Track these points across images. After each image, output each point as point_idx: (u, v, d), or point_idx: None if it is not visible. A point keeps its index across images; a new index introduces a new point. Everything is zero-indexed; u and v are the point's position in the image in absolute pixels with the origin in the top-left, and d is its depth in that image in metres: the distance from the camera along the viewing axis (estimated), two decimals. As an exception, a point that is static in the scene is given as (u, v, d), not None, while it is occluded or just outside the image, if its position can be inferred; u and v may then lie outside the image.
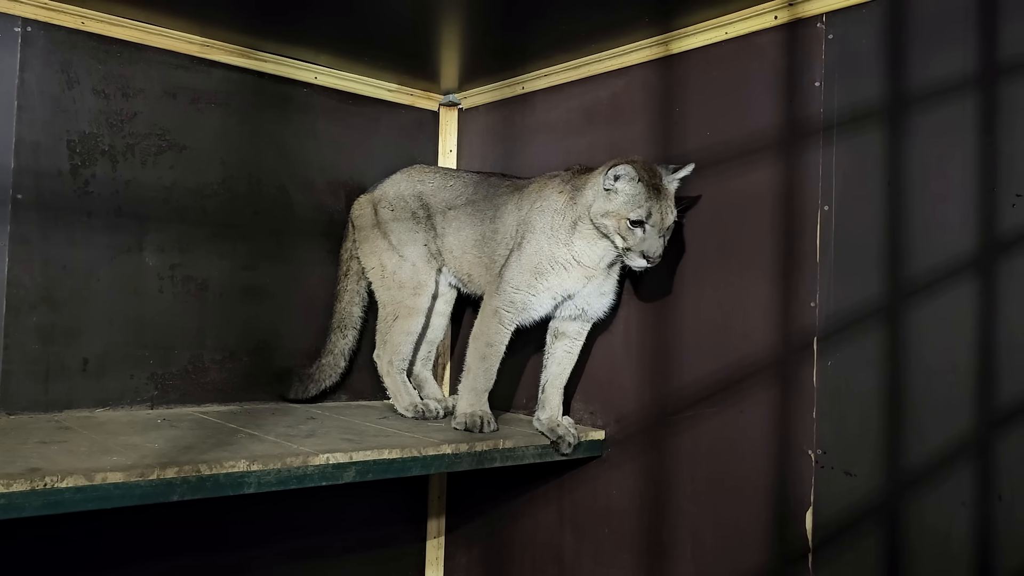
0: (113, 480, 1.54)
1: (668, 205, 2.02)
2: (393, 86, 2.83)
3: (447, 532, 2.93)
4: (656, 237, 1.99)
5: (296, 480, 1.77)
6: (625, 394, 2.31)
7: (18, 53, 2.14)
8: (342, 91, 2.73)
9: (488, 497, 2.75)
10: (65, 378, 2.20)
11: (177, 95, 2.40)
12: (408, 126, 2.89)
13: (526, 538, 2.59)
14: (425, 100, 2.93)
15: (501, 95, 2.78)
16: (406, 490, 2.87)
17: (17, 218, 2.13)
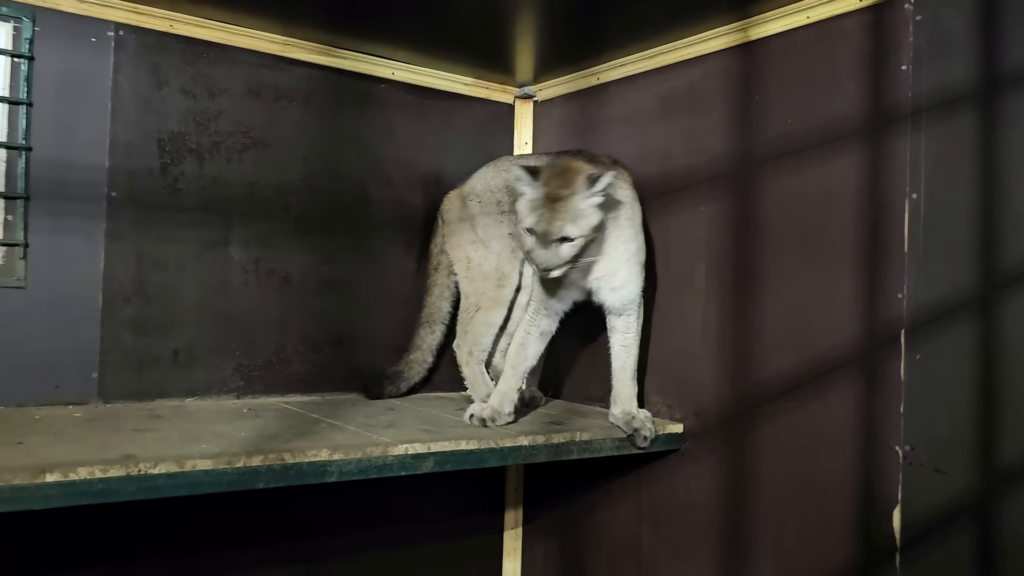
0: (202, 467, 1.60)
1: (561, 217, 1.92)
2: (469, 80, 2.85)
3: (525, 523, 2.94)
4: (542, 249, 1.94)
5: (376, 470, 1.80)
6: (704, 387, 2.27)
7: (112, 56, 2.23)
8: (419, 86, 2.76)
9: (566, 489, 2.74)
10: (157, 368, 2.30)
11: (260, 93, 2.46)
12: (484, 119, 2.90)
13: (603, 531, 2.58)
14: (500, 93, 2.94)
15: (576, 86, 2.77)
16: (483, 481, 2.89)
17: (112, 215, 2.23)
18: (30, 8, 2.12)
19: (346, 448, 1.77)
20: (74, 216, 2.18)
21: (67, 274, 2.17)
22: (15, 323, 2.10)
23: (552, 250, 1.95)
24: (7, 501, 1.41)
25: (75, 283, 2.18)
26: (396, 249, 2.72)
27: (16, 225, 2.11)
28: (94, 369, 2.20)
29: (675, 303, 2.37)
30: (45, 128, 2.14)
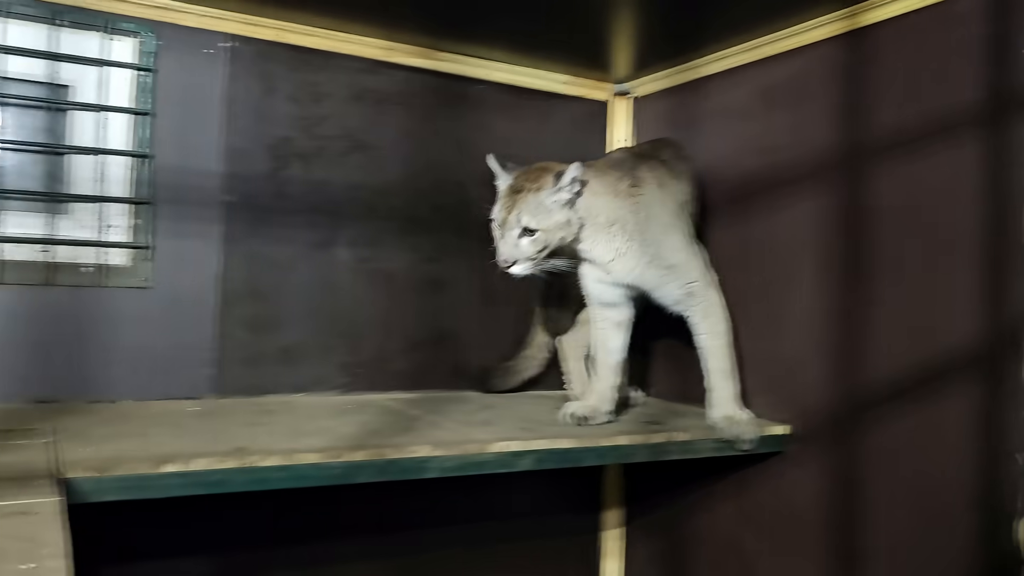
0: (309, 461, 1.66)
1: (521, 209, 1.93)
2: (565, 78, 2.85)
3: (626, 524, 2.92)
4: (502, 240, 1.96)
5: (475, 467, 1.83)
6: (811, 388, 2.20)
7: (226, 66, 2.34)
8: (515, 86, 2.77)
9: (667, 489, 2.71)
10: (267, 365, 2.40)
11: (362, 98, 2.54)
12: (579, 118, 2.90)
13: (705, 533, 2.54)
14: (596, 91, 2.92)
15: (674, 81, 2.72)
16: (581, 480, 2.89)
17: (228, 218, 2.34)
18: (153, 23, 2.25)
19: (445, 445, 1.81)
20: (193, 220, 2.30)
21: (187, 275, 2.29)
22: (141, 321, 2.23)
23: (510, 241, 1.94)
24: (132, 489, 1.51)
25: (194, 283, 2.30)
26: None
27: (142, 229, 2.25)
28: (210, 365, 2.32)
29: (779, 300, 2.30)
30: (166, 137, 2.27)
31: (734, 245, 2.45)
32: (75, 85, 2.20)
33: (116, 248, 2.23)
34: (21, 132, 2.14)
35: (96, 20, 2.19)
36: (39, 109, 2.16)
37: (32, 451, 1.55)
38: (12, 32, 2.10)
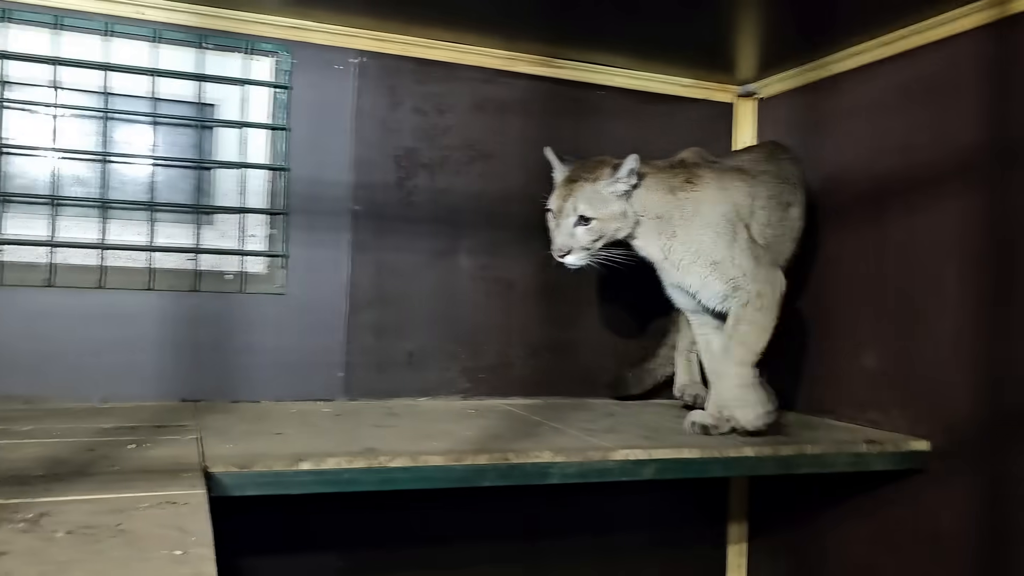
0: (434, 463, 1.69)
1: (576, 198, 1.96)
2: (688, 81, 2.80)
3: (750, 539, 2.83)
4: (557, 229, 1.98)
5: (597, 474, 1.82)
6: (956, 402, 2.06)
7: (355, 81, 2.44)
8: (636, 91, 2.75)
9: (795, 505, 2.60)
10: (393, 369, 2.47)
11: (484, 107, 2.58)
12: (702, 121, 2.84)
13: (836, 553, 2.42)
14: (720, 93, 2.86)
15: (803, 80, 2.63)
16: (705, 491, 2.82)
17: (356, 227, 2.43)
18: (288, 43, 2.36)
19: (567, 451, 1.80)
20: (324, 229, 2.40)
21: (318, 282, 2.39)
22: (276, 326, 2.34)
23: (565, 230, 1.97)
24: (270, 484, 1.58)
25: (325, 290, 2.40)
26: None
27: (278, 239, 2.36)
28: (341, 368, 2.41)
29: (918, 308, 2.18)
30: (300, 150, 2.38)
31: (866, 249, 2.34)
32: (219, 104, 2.34)
33: (254, 256, 2.35)
34: (172, 149, 2.30)
35: (238, 42, 2.32)
36: (188, 127, 2.31)
37: (181, 446, 1.65)
38: (164, 56, 2.26)
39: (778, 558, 2.70)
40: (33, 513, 1.16)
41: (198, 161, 2.30)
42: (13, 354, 2.11)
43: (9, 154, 2.15)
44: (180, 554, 1.01)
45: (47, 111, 2.18)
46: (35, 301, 2.14)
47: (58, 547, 1.03)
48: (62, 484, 1.33)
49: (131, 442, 1.67)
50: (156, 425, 1.88)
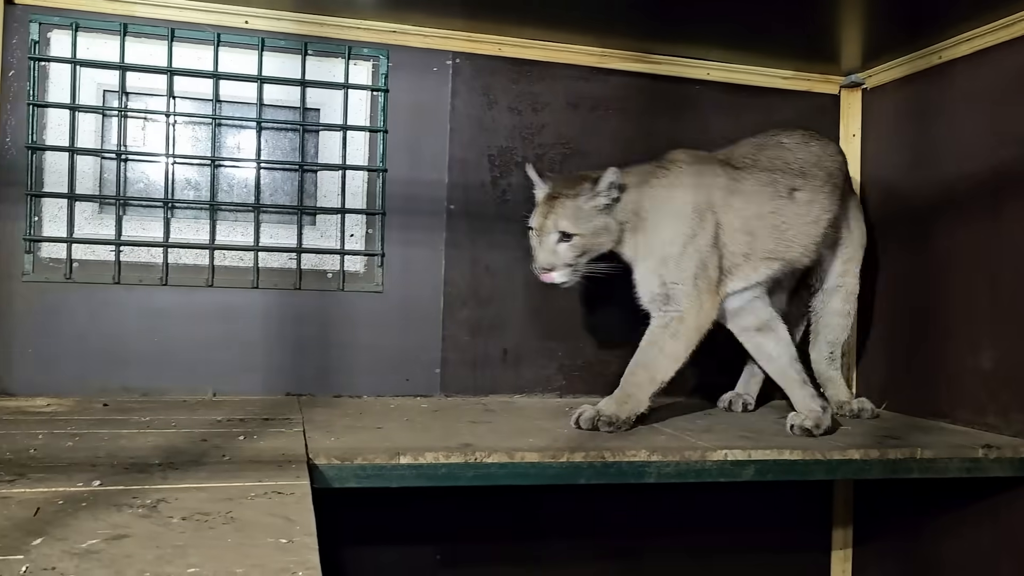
0: (530, 459, 1.70)
1: (558, 215, 1.94)
2: (789, 73, 2.72)
3: (855, 544, 2.72)
4: (539, 247, 1.96)
5: (694, 474, 1.79)
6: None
7: (450, 83, 2.47)
8: (734, 84, 2.69)
9: (904, 510, 2.49)
10: (489, 366, 2.49)
11: (578, 105, 2.57)
12: (805, 113, 2.74)
13: (950, 562, 2.30)
14: (824, 84, 2.76)
15: (912, 68, 2.51)
16: (808, 494, 2.73)
17: (451, 226, 2.46)
18: (385, 47, 2.42)
19: (664, 450, 1.78)
20: (420, 228, 2.45)
21: (415, 280, 2.44)
22: (374, 323, 2.40)
23: (548, 247, 1.95)
24: (370, 477, 1.63)
25: (421, 288, 2.44)
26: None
27: (375, 238, 2.42)
28: (437, 365, 2.45)
29: (1042, 306, 2.05)
30: (397, 152, 2.43)
31: (981, 244, 2.21)
32: (322, 108, 2.42)
33: (353, 256, 2.41)
34: (276, 152, 2.38)
35: (339, 48, 2.39)
36: (291, 131, 2.39)
37: (287, 439, 1.72)
38: (268, 64, 2.35)
39: (885, 565, 2.59)
40: (151, 499, 1.23)
41: (300, 163, 2.38)
42: (132, 349, 2.24)
43: (129, 160, 2.28)
44: (285, 542, 1.05)
45: (162, 119, 2.29)
46: (151, 299, 2.26)
47: (174, 532, 1.08)
48: (178, 472, 1.40)
49: (241, 434, 1.75)
50: (264, 418, 1.96)
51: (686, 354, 2.02)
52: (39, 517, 1.12)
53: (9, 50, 2.17)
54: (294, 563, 0.97)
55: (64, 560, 0.96)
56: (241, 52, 2.34)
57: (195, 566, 0.95)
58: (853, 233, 2.41)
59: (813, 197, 2.18)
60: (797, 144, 2.25)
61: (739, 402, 2.42)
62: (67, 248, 2.22)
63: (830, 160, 2.28)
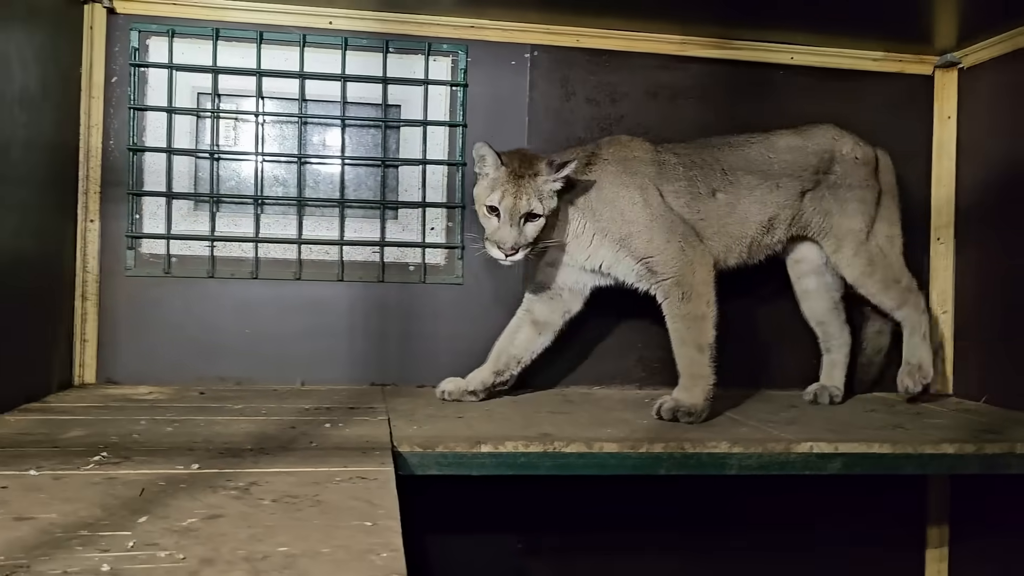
0: (608, 450, 1.71)
1: (527, 193, 1.94)
2: (878, 54, 2.62)
3: (952, 543, 2.62)
4: (508, 226, 1.94)
5: (777, 466, 1.76)
6: None
7: (528, 75, 2.48)
8: (819, 68, 2.61)
9: (1005, 508, 2.38)
10: (568, 357, 2.49)
11: (658, 94, 2.54)
12: (895, 96, 2.65)
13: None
14: (916, 65, 2.65)
15: (1013, 46, 2.39)
16: (899, 489, 2.64)
17: (530, 218, 2.47)
18: (464, 42, 2.45)
19: (746, 442, 1.76)
20: (499, 221, 2.46)
21: (494, 272, 2.46)
22: (455, 315, 2.44)
23: (516, 227, 1.95)
24: (451, 465, 1.66)
25: (501, 279, 2.46)
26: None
27: (455, 231, 2.46)
28: (517, 356, 2.46)
29: None
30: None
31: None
32: (403, 104, 2.47)
33: (434, 248, 2.46)
34: (359, 149, 2.45)
35: (419, 45, 2.44)
36: (374, 128, 2.45)
37: (371, 427, 1.77)
38: (351, 63, 2.41)
39: (984, 565, 2.48)
40: (244, 482, 1.29)
41: (383, 159, 2.44)
42: (226, 340, 2.34)
43: (221, 159, 2.38)
44: (370, 525, 1.09)
45: (252, 119, 2.39)
46: (243, 292, 2.36)
47: (265, 513, 1.13)
48: (268, 457, 1.46)
49: (327, 421, 1.81)
50: (349, 407, 2.02)
51: (709, 308, 2.02)
52: (143, 497, 1.19)
53: (112, 58, 2.29)
54: (378, 545, 1.00)
55: (165, 537, 1.02)
56: (325, 52, 2.40)
57: (284, 545, 1.00)
58: (835, 219, 2.28)
59: (731, 200, 2.17)
60: (733, 146, 2.24)
61: (825, 394, 2.36)
62: (165, 244, 2.33)
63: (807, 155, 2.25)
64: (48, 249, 2.12)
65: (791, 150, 2.24)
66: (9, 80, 1.81)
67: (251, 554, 0.96)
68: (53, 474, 1.31)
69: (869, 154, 2.32)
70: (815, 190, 2.25)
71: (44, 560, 0.93)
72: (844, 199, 2.26)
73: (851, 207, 2.26)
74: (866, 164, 2.30)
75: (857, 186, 2.27)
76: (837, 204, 2.25)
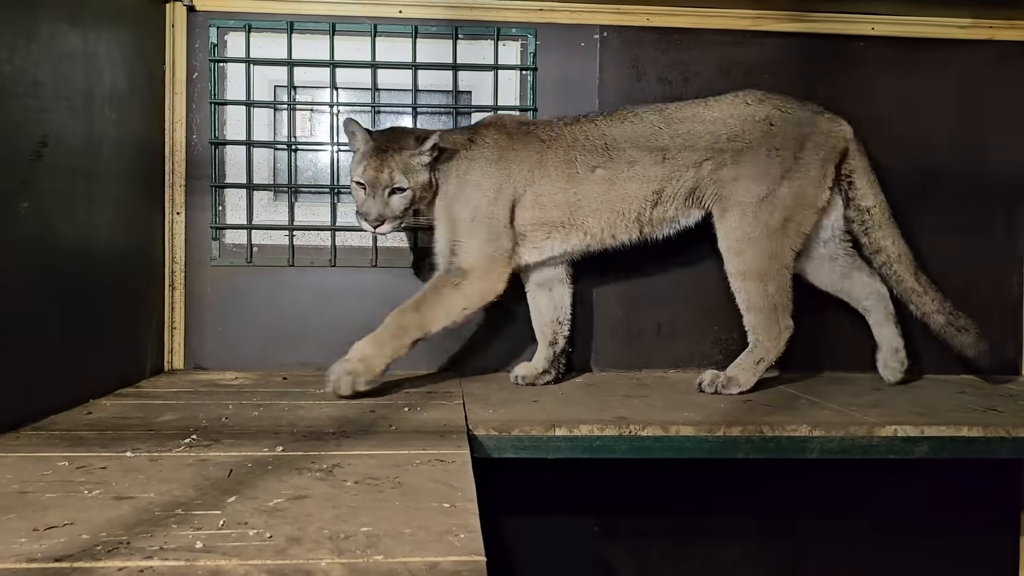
0: (685, 433, 1.70)
1: (392, 168, 2.00)
2: (965, 21, 2.50)
3: (1049, 531, 2.52)
4: (372, 199, 2.01)
5: (860, 450, 1.71)
6: None
7: (597, 57, 2.46)
8: (902, 38, 2.51)
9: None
10: (642, 341, 2.48)
11: (731, 72, 2.49)
12: (987, 65, 2.53)
13: None
14: (1008, 31, 2.52)
15: (1115, 6, 2.25)
16: (991, 474, 2.54)
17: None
18: (533, 26, 2.44)
19: (827, 425, 1.72)
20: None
21: (567, 256, 2.46)
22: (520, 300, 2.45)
23: (380, 200, 2.01)
24: (527, 448, 1.68)
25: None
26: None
27: (527, 215, 2.46)
28: (590, 339, 2.46)
29: None
30: (546, 129, 2.45)
31: None
32: (474, 89, 2.48)
33: (507, 233, 2.47)
34: (431, 136, 2.47)
35: (488, 30, 2.44)
36: (445, 114, 2.47)
37: (448, 411, 1.79)
38: (421, 50, 2.43)
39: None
40: (327, 464, 1.33)
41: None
42: (307, 326, 2.41)
43: (299, 150, 2.44)
44: (448, 506, 1.11)
45: (327, 109, 2.44)
46: (322, 280, 2.42)
47: (348, 494, 1.17)
48: (350, 440, 1.50)
49: (405, 405, 1.84)
50: (426, 391, 2.06)
51: (463, 309, 2.05)
52: (232, 478, 1.24)
53: (192, 54, 2.37)
54: (456, 526, 1.02)
55: (254, 516, 1.06)
56: (396, 41, 2.43)
57: (367, 525, 1.03)
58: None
59: (609, 176, 2.12)
60: (626, 118, 2.17)
61: (889, 368, 2.29)
62: (247, 234, 2.41)
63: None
64: (139, 241, 2.22)
65: (685, 120, 2.14)
66: (99, 80, 1.90)
67: (335, 533, 0.99)
68: (149, 456, 1.37)
69: (800, 119, 2.15)
70: (715, 159, 2.11)
71: (144, 537, 0.98)
72: (746, 164, 2.11)
73: (749, 172, 2.10)
74: (796, 127, 2.13)
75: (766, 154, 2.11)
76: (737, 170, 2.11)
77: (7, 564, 0.89)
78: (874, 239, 2.21)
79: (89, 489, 1.17)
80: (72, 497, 1.14)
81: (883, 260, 2.22)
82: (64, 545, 0.95)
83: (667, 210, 2.16)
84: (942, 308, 2.18)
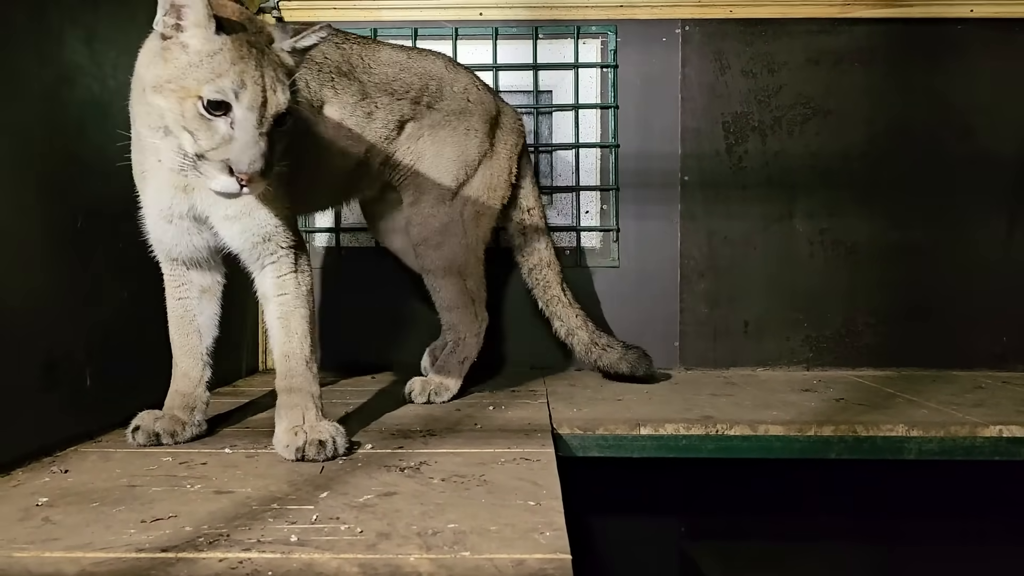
0: (774, 432, 1.66)
1: (276, 78, 1.23)
2: (1074, -2, 2.37)
3: None
4: (253, 132, 1.19)
5: (962, 451, 1.64)
6: None
7: (679, 51, 2.43)
8: (1004, 19, 2.39)
9: None
10: (729, 338, 2.44)
11: (819, 61, 2.42)
12: (1097, 43, 2.39)
13: None
14: (1121, 6, 2.38)
15: None
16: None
17: (685, 197, 2.44)
18: (613, 23, 2.43)
19: (925, 425, 1.65)
20: (653, 201, 2.44)
21: (650, 253, 2.44)
22: (612, 297, 2.44)
23: (266, 136, 1.22)
24: (611, 447, 1.67)
25: (656, 261, 2.44)
26: (982, 210, 2.41)
27: (609, 213, 2.46)
28: (675, 338, 2.44)
29: None
30: (628, 126, 2.44)
31: None
32: (554, 88, 2.48)
33: (589, 232, 2.46)
34: (512, 136, 2.49)
35: (567, 29, 2.44)
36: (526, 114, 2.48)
37: (532, 410, 1.80)
38: (502, 51, 2.45)
39: None
40: (415, 462, 1.35)
41: (535, 145, 2.46)
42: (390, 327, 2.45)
43: (383, 154, 2.49)
44: (533, 504, 1.12)
45: (410, 113, 2.48)
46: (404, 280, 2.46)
47: (435, 491, 1.19)
48: (436, 439, 1.53)
49: (490, 404, 1.86)
50: (511, 390, 2.07)
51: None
52: (324, 474, 1.28)
53: (282, 64, 2.45)
54: (542, 524, 1.03)
55: (345, 511, 1.09)
56: (477, 43, 2.46)
57: (454, 522, 1.04)
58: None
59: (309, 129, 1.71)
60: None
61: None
62: (335, 237, 2.47)
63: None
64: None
65: (391, 64, 1.92)
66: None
67: (423, 529, 1.01)
68: (246, 452, 1.43)
69: (488, 100, 2.01)
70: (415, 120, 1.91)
71: (242, 530, 1.02)
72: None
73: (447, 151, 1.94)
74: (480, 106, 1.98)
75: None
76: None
77: (119, 553, 0.95)
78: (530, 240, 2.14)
79: (191, 484, 1.23)
80: (176, 491, 1.19)
81: (535, 263, 2.16)
82: (169, 536, 1.00)
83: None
84: (585, 325, 2.15)
